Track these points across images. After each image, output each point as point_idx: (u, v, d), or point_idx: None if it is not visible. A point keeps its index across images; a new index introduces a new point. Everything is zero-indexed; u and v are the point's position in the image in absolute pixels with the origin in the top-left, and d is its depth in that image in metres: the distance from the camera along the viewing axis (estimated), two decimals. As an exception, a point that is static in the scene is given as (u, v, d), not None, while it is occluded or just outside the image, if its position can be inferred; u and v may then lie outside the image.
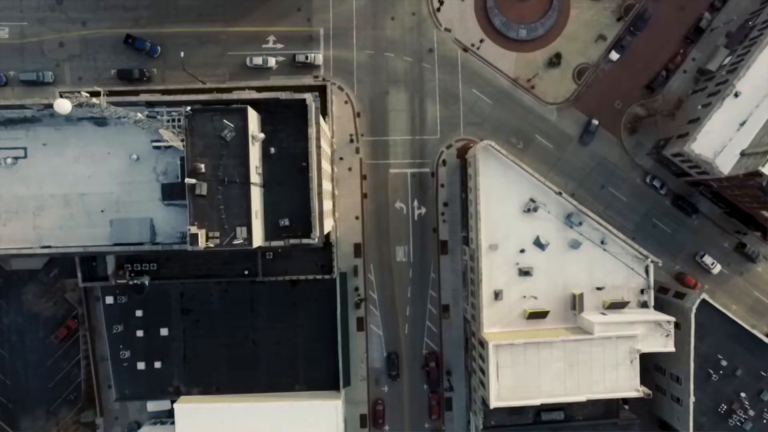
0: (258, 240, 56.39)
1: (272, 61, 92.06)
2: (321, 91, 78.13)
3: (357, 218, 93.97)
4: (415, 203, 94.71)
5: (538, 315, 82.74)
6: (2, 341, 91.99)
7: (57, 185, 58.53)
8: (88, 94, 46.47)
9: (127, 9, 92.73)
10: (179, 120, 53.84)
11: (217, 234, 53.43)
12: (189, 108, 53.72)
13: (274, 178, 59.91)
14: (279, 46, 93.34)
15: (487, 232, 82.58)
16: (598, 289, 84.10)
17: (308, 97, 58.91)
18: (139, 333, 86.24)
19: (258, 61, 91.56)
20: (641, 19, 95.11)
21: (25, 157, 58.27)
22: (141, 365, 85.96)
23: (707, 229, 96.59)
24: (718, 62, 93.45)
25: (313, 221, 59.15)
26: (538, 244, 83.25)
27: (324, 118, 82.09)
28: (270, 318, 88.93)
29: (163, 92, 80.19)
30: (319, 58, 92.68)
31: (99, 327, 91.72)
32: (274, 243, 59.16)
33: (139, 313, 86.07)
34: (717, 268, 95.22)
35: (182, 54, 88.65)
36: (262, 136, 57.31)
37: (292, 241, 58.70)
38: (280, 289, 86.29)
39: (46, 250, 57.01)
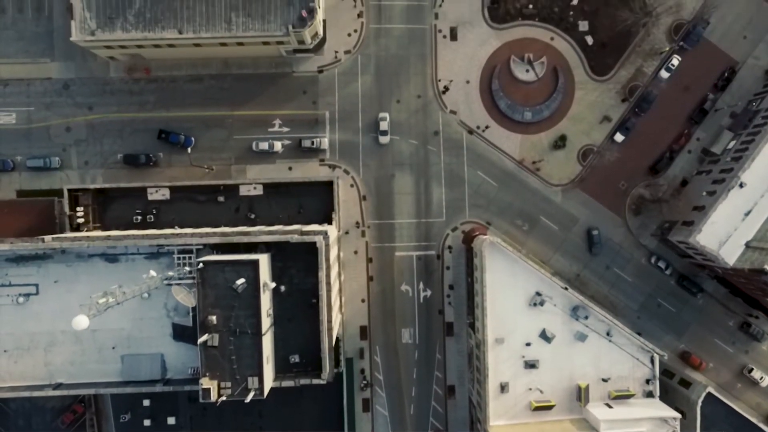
0: (269, 385, 56.81)
1: (278, 146, 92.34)
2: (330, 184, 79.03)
3: (363, 301, 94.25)
4: (421, 285, 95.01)
5: (544, 407, 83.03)
6: (9, 425, 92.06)
7: (68, 322, 58.13)
8: (103, 301, 45.96)
9: (133, 93, 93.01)
10: (190, 262, 54.19)
11: (229, 384, 53.81)
12: (200, 263, 54.00)
13: (285, 314, 60.29)
14: (285, 129, 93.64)
15: (493, 327, 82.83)
16: (604, 380, 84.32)
17: (318, 239, 59.26)
18: (147, 422, 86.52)
19: (264, 146, 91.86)
20: (646, 100, 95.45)
21: (37, 293, 58.69)
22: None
23: (712, 309, 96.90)
24: (722, 145, 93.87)
25: (323, 360, 59.50)
26: (544, 336, 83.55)
27: (332, 215, 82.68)
28: (277, 404, 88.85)
29: (171, 188, 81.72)
30: (324, 142, 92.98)
31: (106, 411, 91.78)
32: (285, 382, 59.50)
33: (146, 402, 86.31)
34: (766, 382, 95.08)
35: (189, 150, 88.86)
36: (273, 285, 57.71)
37: (303, 380, 59.08)
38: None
39: (56, 392, 57.34)
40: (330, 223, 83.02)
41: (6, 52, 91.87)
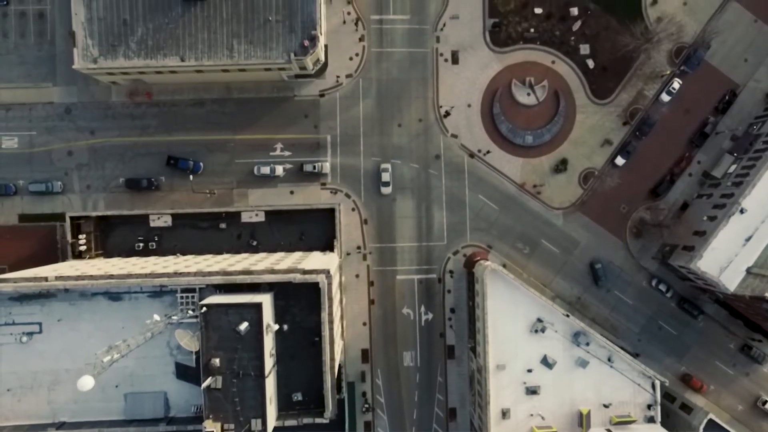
0: (272, 426, 57.11)
1: (279, 170, 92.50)
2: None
3: (364, 324, 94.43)
4: (422, 309, 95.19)
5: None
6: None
7: (71, 360, 59.20)
8: (108, 359, 46.14)
9: (135, 117, 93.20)
10: (193, 301, 54.43)
11: (233, 426, 54.00)
12: (204, 306, 54.29)
13: (287, 352, 60.52)
14: (286, 153, 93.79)
15: (495, 353, 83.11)
16: (605, 406, 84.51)
17: (321, 279, 59.45)
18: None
19: (266, 170, 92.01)
20: (647, 124, 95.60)
21: (40, 332, 58.92)
22: None
23: (713, 331, 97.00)
24: (723, 169, 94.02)
25: (326, 398, 59.74)
26: (546, 363, 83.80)
27: (333, 241, 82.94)
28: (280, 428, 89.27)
29: (173, 215, 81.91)
30: (326, 166, 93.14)
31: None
32: (288, 421, 59.82)
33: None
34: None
35: (191, 177, 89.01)
36: (276, 327, 57.95)
37: (305, 419, 59.39)
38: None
39: (60, 431, 57.54)
40: (332, 249, 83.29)
41: (8, 76, 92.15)
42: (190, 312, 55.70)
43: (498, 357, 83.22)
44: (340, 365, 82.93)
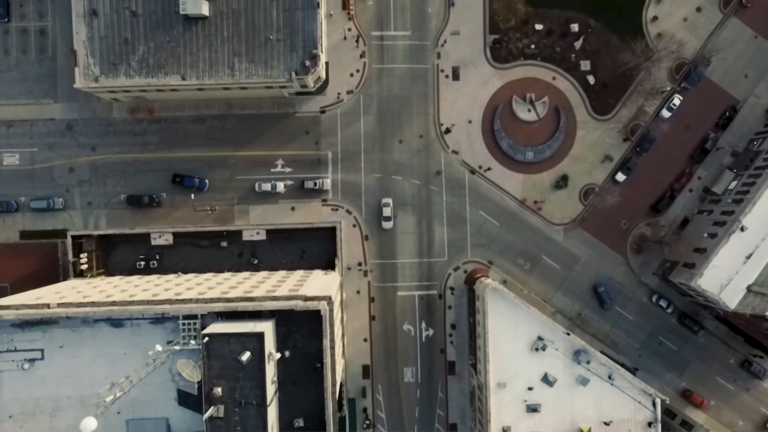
0: (273, 454, 57.43)
1: (280, 186, 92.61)
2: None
3: (365, 340, 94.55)
4: (423, 325, 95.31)
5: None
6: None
7: (74, 387, 59.31)
8: (110, 398, 46.03)
9: (136, 134, 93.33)
10: (195, 329, 54.59)
11: (234, 455, 54.35)
12: (206, 336, 54.44)
13: (289, 378, 60.60)
14: (287, 169, 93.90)
15: (496, 371, 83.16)
16: (606, 423, 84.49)
17: (323, 307, 59.58)
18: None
19: (267, 187, 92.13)
20: (647, 140, 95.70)
21: (42, 358, 59.05)
22: None
23: (713, 346, 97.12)
24: (723, 185, 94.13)
25: (328, 425, 59.82)
26: (546, 381, 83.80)
27: (335, 260, 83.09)
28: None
29: (174, 234, 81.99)
30: (327, 183, 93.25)
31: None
32: (289, 447, 60.12)
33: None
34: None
35: (192, 196, 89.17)
36: (278, 355, 58.08)
37: (307, 447, 59.64)
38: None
39: (62, 459, 57.84)
40: (333, 268, 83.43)
41: (10, 93, 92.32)
42: (192, 342, 55.86)
43: (499, 375, 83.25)
44: (341, 384, 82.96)
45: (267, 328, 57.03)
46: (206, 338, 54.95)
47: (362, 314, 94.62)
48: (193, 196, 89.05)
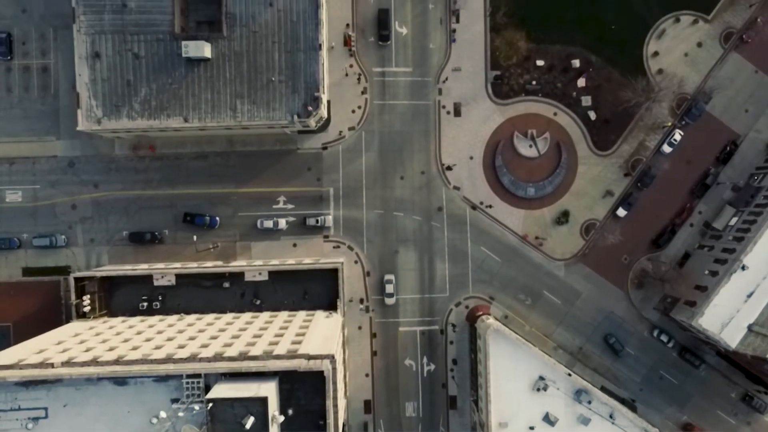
0: None
1: (282, 223, 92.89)
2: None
3: (367, 375, 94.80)
4: (425, 360, 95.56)
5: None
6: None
7: (77, 445, 59.70)
8: None
9: (138, 171, 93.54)
10: (198, 388, 54.79)
11: None
12: (210, 402, 54.69)
13: (292, 436, 61.11)
14: (289, 206, 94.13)
15: (497, 411, 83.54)
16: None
17: (326, 367, 59.82)
18: None
19: (268, 224, 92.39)
20: (648, 175, 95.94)
21: (46, 417, 59.27)
22: None
23: (714, 380, 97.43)
24: (724, 221, 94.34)
25: (331, 482, 60.28)
26: (548, 420, 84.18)
27: (337, 301, 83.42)
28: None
29: (177, 274, 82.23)
30: (329, 220, 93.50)
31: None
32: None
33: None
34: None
35: (195, 237, 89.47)
36: (281, 418, 58.34)
37: (311, 506, 59.89)
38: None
39: None
40: (335, 308, 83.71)
41: (12, 130, 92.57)
42: (196, 407, 56.12)
43: (500, 414, 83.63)
44: (343, 424, 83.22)
45: (270, 390, 57.28)
46: (210, 403, 55.29)
47: (364, 350, 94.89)
48: (195, 237, 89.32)
